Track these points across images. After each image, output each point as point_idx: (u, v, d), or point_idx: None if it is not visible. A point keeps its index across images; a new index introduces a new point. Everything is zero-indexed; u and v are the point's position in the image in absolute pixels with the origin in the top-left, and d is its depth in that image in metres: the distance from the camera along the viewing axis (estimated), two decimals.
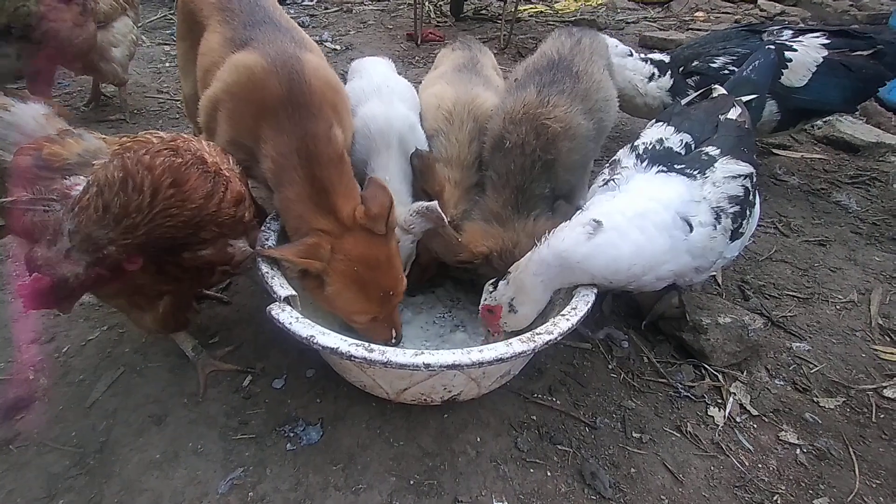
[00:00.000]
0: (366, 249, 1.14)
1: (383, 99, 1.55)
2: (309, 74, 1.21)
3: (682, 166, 1.26)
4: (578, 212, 1.25)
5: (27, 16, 1.94)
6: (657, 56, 2.17)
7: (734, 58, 1.97)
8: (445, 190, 1.47)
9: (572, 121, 1.39)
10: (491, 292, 1.25)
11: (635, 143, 1.37)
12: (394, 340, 1.22)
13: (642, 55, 2.14)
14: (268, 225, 1.36)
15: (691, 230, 1.17)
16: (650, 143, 1.34)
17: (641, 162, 1.30)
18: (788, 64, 1.90)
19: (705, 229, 1.19)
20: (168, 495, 1.09)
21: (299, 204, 1.15)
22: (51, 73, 2.28)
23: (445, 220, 1.32)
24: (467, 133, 1.54)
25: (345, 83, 1.67)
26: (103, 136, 1.17)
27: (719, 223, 1.20)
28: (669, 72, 2.07)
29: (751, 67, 1.53)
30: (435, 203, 1.31)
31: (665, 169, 1.26)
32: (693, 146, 1.34)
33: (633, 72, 2.09)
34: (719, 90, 1.51)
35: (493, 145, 1.44)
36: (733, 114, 1.40)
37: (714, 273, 1.73)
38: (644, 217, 1.16)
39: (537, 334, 1.07)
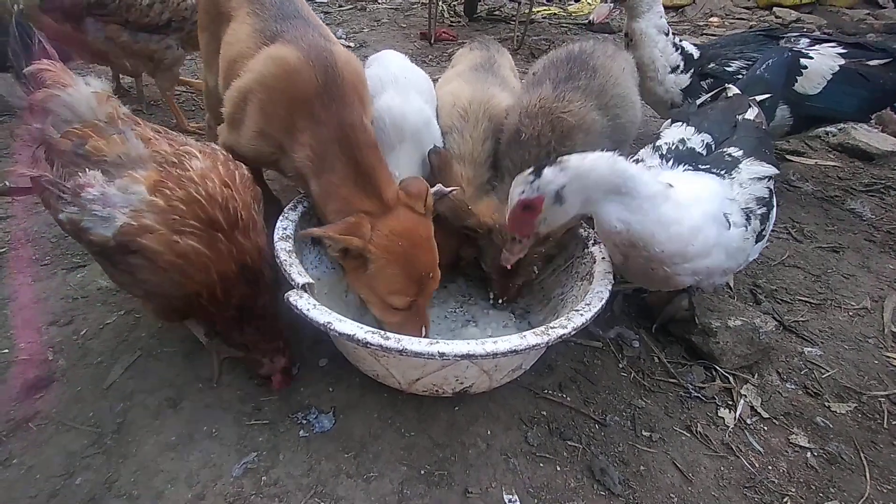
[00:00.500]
0: (409, 225, 1.16)
1: (400, 90, 1.56)
2: (341, 67, 1.24)
3: (707, 166, 1.26)
4: None
5: (185, 10, 2.13)
6: (689, 47, 2.03)
7: (750, 63, 1.95)
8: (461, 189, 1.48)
9: (587, 116, 1.41)
10: (532, 181, 1.04)
11: (657, 144, 1.37)
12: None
13: (675, 40, 2.00)
14: (285, 214, 1.38)
15: (729, 227, 1.16)
16: (672, 144, 1.34)
17: (666, 161, 1.30)
18: (803, 71, 1.89)
19: (739, 230, 1.18)
20: (183, 477, 1.10)
21: (344, 188, 1.18)
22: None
23: (454, 189, 1.34)
24: (482, 131, 1.55)
25: None
26: (148, 132, 1.19)
27: (749, 224, 1.20)
28: (692, 70, 2.00)
29: (764, 66, 1.53)
30: (438, 185, 1.33)
31: (692, 168, 1.26)
32: (714, 147, 1.34)
33: (661, 53, 1.95)
34: (733, 90, 1.51)
35: (509, 139, 1.46)
36: (751, 114, 1.40)
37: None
38: (700, 202, 1.13)
39: (551, 328, 1.08)
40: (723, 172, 1.23)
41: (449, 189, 1.32)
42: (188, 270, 1.09)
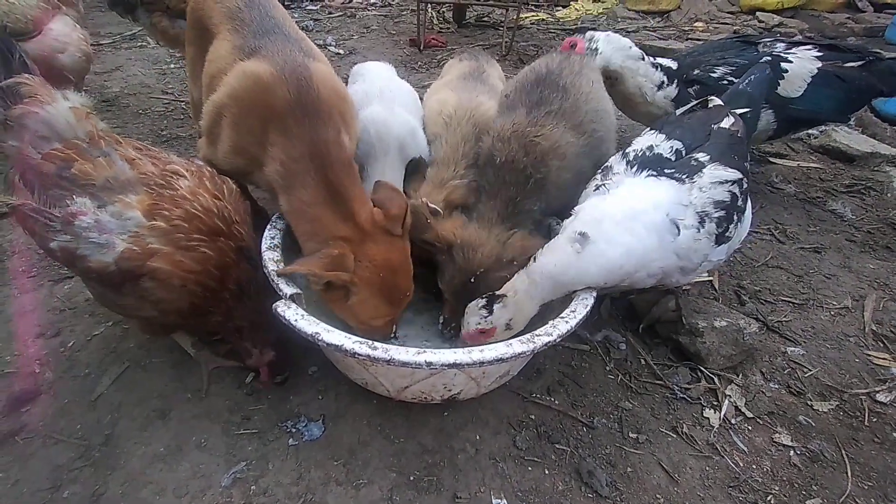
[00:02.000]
0: (388, 254, 1.16)
1: (385, 103, 1.58)
2: (317, 82, 1.23)
3: (672, 171, 1.29)
4: (568, 219, 1.27)
5: None
6: (665, 62, 2.10)
7: (733, 68, 1.99)
8: (421, 187, 1.49)
9: (560, 139, 1.40)
10: (486, 317, 1.22)
11: (626, 150, 1.40)
12: (392, 336, 1.25)
13: (652, 60, 2.08)
14: (273, 223, 1.38)
15: (679, 232, 1.20)
16: (640, 150, 1.37)
17: (631, 168, 1.33)
18: (785, 75, 1.94)
19: (690, 231, 1.22)
20: (172, 488, 1.10)
21: (315, 208, 1.16)
22: None
23: (427, 205, 1.36)
24: (461, 136, 1.56)
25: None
26: (130, 151, 1.18)
27: (703, 227, 1.23)
28: (676, 80, 2.05)
29: (746, 81, 1.57)
30: (424, 199, 1.35)
31: (655, 174, 1.29)
32: (684, 153, 1.36)
33: (644, 78, 2.02)
34: (715, 101, 1.54)
35: (485, 161, 1.45)
36: (726, 123, 1.43)
37: (708, 277, 1.76)
38: (634, 218, 1.19)
39: (537, 335, 1.09)
40: (684, 177, 1.27)
41: (433, 206, 1.32)
42: (199, 278, 1.13)
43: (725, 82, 1.97)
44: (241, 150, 1.29)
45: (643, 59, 2.04)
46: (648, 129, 1.46)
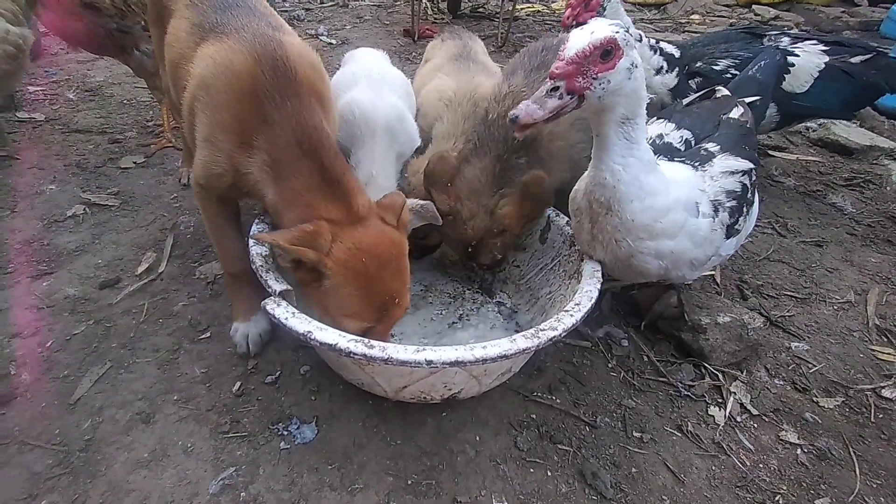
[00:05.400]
0: (378, 239, 1.04)
1: (372, 85, 1.52)
2: (293, 60, 1.10)
3: (682, 160, 1.25)
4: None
5: None
6: (668, 48, 2.00)
7: (737, 61, 1.94)
8: (414, 161, 1.51)
9: None
10: (626, 30, 0.97)
11: None
12: None
13: (652, 41, 1.97)
14: (261, 217, 1.32)
15: (698, 215, 1.16)
16: (650, 138, 1.33)
17: None
18: (791, 69, 1.90)
19: (706, 220, 1.18)
20: (156, 496, 1.04)
21: (308, 194, 1.04)
22: None
23: (440, 219, 1.32)
24: (461, 114, 1.53)
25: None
26: None
27: (717, 216, 1.20)
28: (677, 69, 1.97)
29: (756, 68, 1.52)
30: (430, 203, 1.30)
31: (667, 159, 1.25)
32: (693, 143, 1.33)
33: (641, 59, 1.97)
34: (723, 91, 1.50)
35: (479, 120, 1.47)
36: (735, 113, 1.39)
37: (710, 272, 1.72)
38: (677, 185, 1.14)
39: (541, 330, 1.05)
40: (696, 165, 1.22)
41: (429, 208, 1.27)
42: None
43: (728, 75, 1.92)
44: (218, 148, 1.12)
45: (641, 39, 1.93)
46: (656, 118, 1.42)
